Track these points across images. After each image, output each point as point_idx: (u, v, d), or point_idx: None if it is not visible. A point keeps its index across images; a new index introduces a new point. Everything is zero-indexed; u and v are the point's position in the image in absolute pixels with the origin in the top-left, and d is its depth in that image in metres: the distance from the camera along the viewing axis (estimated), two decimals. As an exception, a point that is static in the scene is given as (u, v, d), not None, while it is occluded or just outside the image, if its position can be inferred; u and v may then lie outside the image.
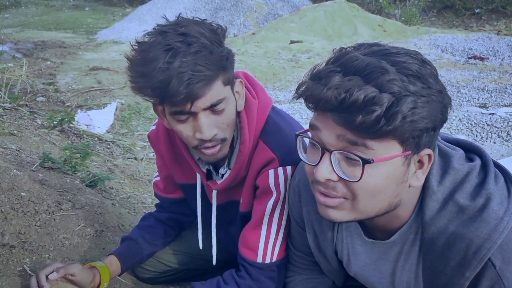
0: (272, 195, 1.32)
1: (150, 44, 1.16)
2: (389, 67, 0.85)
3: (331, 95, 0.84)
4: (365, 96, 0.82)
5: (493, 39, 8.76)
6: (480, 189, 0.95)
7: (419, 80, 0.86)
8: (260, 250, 1.35)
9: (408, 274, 1.07)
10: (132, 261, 1.59)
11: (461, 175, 0.97)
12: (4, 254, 1.52)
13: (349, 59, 0.87)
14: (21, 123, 3.32)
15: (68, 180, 2.22)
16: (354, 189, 0.91)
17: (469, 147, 1.06)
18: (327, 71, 0.87)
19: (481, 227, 0.92)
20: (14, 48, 8.01)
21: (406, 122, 0.83)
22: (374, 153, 0.87)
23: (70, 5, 16.69)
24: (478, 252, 0.92)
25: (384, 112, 0.82)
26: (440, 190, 0.96)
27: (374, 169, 0.88)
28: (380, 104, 0.82)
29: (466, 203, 0.94)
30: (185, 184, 1.56)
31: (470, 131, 4.47)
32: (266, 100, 1.38)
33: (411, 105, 0.83)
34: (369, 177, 0.88)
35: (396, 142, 0.87)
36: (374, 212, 0.95)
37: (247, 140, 1.32)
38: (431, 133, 0.89)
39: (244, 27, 11.68)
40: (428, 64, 0.90)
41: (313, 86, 0.87)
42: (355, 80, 0.84)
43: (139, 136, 4.26)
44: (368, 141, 0.86)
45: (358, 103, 0.82)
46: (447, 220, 0.95)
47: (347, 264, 1.20)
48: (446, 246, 0.95)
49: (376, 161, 0.87)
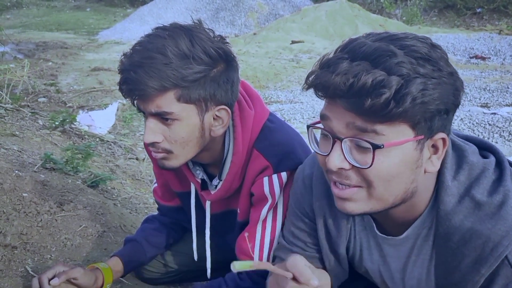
0: (267, 202, 1.31)
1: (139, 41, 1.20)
2: (398, 50, 0.84)
3: (339, 81, 0.84)
4: (373, 80, 0.82)
5: (494, 38, 8.75)
6: (497, 185, 0.94)
7: (428, 63, 0.85)
8: (256, 255, 1.34)
9: (420, 270, 1.06)
10: (135, 263, 1.59)
11: (477, 170, 0.96)
12: (6, 254, 1.53)
13: (357, 45, 0.87)
14: (23, 124, 3.32)
15: (69, 181, 2.22)
16: (368, 176, 0.90)
17: (481, 144, 1.04)
18: (335, 58, 0.87)
19: (499, 224, 0.91)
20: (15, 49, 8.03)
21: (416, 103, 0.83)
22: (385, 138, 0.86)
23: (72, 6, 16.71)
24: (495, 249, 0.91)
25: (393, 95, 0.82)
26: (455, 185, 0.95)
27: (385, 155, 0.87)
28: (389, 86, 0.81)
29: (483, 199, 0.93)
30: (181, 192, 1.55)
31: (472, 131, 4.46)
32: (263, 111, 1.35)
33: (421, 87, 0.83)
34: (381, 163, 0.88)
35: (407, 126, 0.86)
36: (391, 199, 0.94)
37: (240, 151, 1.30)
38: (443, 116, 0.88)
39: (245, 27, 11.69)
40: (437, 48, 0.89)
41: (321, 74, 0.87)
42: (363, 65, 0.84)
43: (140, 136, 4.26)
44: (378, 126, 0.86)
45: (366, 87, 0.82)
46: (463, 216, 0.94)
47: (359, 260, 1.18)
48: (461, 242, 0.94)
49: (386, 146, 0.86)
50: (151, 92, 1.14)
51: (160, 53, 1.13)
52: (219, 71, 1.20)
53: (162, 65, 1.13)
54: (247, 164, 1.33)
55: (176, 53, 1.14)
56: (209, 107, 1.22)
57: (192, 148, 1.25)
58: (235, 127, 1.31)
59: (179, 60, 1.14)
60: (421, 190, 0.97)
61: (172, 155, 1.25)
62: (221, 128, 1.27)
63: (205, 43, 1.17)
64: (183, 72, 1.14)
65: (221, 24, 11.73)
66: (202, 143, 1.26)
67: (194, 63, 1.15)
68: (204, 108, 1.21)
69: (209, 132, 1.25)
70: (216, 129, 1.26)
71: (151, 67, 1.13)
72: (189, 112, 1.19)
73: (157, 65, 1.13)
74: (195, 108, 1.20)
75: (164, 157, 1.25)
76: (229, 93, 1.24)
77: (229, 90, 1.23)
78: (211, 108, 1.22)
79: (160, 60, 1.13)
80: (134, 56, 1.15)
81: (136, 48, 1.17)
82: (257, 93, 1.40)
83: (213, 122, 1.25)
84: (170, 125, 1.20)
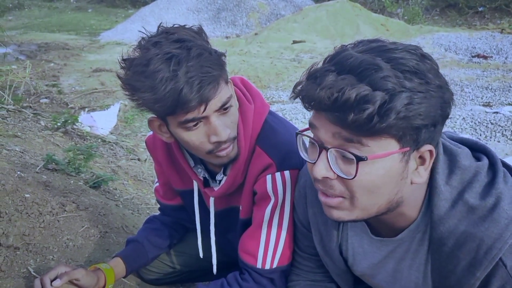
0: (270, 201, 1.31)
1: (146, 57, 1.12)
2: (384, 64, 0.84)
3: (324, 95, 0.84)
4: (357, 95, 0.81)
5: (496, 37, 8.72)
6: (489, 188, 0.94)
7: (416, 76, 0.85)
8: (260, 256, 1.33)
9: (417, 274, 1.06)
10: (137, 263, 1.59)
11: (469, 174, 0.97)
12: (9, 255, 1.53)
13: (343, 57, 0.87)
14: (25, 125, 3.33)
15: (71, 182, 2.22)
16: (352, 187, 0.91)
17: (474, 146, 1.05)
18: (322, 70, 0.87)
19: (492, 227, 0.91)
20: (17, 50, 8.05)
21: (400, 118, 0.82)
22: (369, 150, 0.86)
23: (73, 7, 16.74)
24: (489, 252, 0.91)
25: (377, 110, 0.82)
26: (448, 190, 0.96)
27: (369, 166, 0.88)
28: (372, 102, 0.81)
29: (476, 202, 0.93)
30: (183, 190, 1.55)
31: (474, 130, 4.45)
32: (263, 106, 1.35)
33: (405, 101, 0.82)
34: (365, 174, 0.88)
35: (393, 139, 0.86)
36: (374, 209, 0.95)
37: (243, 146, 1.30)
38: (430, 129, 0.88)
39: (247, 27, 11.69)
40: (428, 58, 0.88)
41: (307, 86, 0.88)
42: (349, 79, 0.83)
43: (142, 137, 4.26)
44: (363, 138, 0.86)
45: (350, 102, 0.82)
46: (456, 220, 0.94)
47: (353, 263, 1.19)
48: (456, 246, 0.95)
49: (370, 158, 0.86)
50: (221, 84, 1.18)
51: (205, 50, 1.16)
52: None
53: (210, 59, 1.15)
54: (249, 160, 1.33)
55: (201, 42, 1.17)
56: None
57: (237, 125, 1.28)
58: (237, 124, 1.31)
59: (207, 50, 1.16)
60: (409, 200, 0.97)
61: (235, 141, 1.27)
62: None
63: (191, 30, 1.20)
64: (220, 58, 1.19)
65: (222, 25, 11.73)
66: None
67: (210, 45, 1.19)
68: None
69: None
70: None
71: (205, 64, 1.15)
72: (232, 90, 1.26)
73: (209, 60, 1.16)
74: (229, 85, 1.24)
75: (233, 147, 1.26)
76: None
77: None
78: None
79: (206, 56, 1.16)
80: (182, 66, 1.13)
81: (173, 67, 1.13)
82: (256, 89, 1.40)
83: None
84: (227, 112, 1.22)
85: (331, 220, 1.11)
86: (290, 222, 1.32)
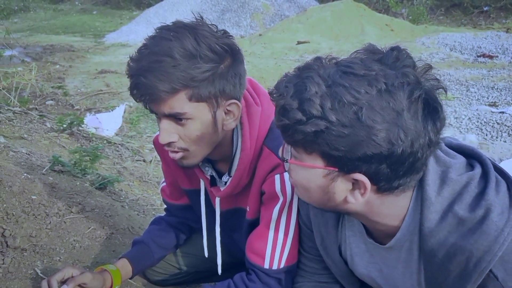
0: (278, 201, 1.31)
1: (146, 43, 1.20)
2: (322, 88, 0.88)
3: (275, 96, 0.96)
4: (283, 105, 0.91)
5: (502, 37, 8.69)
6: (479, 199, 0.93)
7: (349, 109, 0.85)
8: (267, 256, 1.33)
9: (412, 282, 1.07)
10: (143, 264, 1.59)
11: (460, 185, 0.96)
12: (16, 257, 1.54)
13: (304, 69, 0.94)
14: (31, 126, 3.34)
15: (78, 183, 2.23)
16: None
17: (470, 153, 1.04)
18: (288, 76, 0.96)
19: (481, 239, 0.90)
20: (23, 52, 8.09)
21: (307, 141, 0.90)
22: (300, 157, 0.98)
23: (78, 9, 16.82)
24: (478, 264, 0.91)
25: (291, 125, 0.91)
26: (439, 201, 0.95)
27: (293, 169, 1.01)
28: (288, 117, 0.90)
29: (465, 214, 0.93)
30: (190, 190, 1.55)
31: (480, 130, 4.43)
32: (270, 108, 1.35)
33: (312, 129, 0.88)
34: (294, 173, 1.03)
35: (317, 155, 0.94)
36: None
37: (248, 147, 1.30)
38: (358, 162, 0.91)
39: (251, 28, 11.70)
40: (392, 95, 0.85)
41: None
42: (289, 88, 0.91)
43: (147, 138, 4.28)
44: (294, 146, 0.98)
45: (277, 109, 0.94)
46: (447, 232, 0.94)
47: (351, 264, 1.20)
48: (446, 258, 0.95)
49: (290, 162, 1.01)
50: (162, 95, 1.16)
51: (168, 56, 1.14)
52: (226, 66, 1.21)
53: (170, 67, 1.14)
54: (256, 161, 1.34)
55: (183, 54, 1.14)
56: (220, 103, 1.24)
57: (207, 144, 1.28)
58: (243, 124, 1.31)
59: (187, 60, 1.15)
60: (385, 212, 0.99)
61: (189, 153, 1.27)
62: (233, 122, 1.29)
63: (210, 40, 1.18)
64: (192, 72, 1.15)
65: (226, 26, 11.74)
66: (216, 138, 1.28)
67: (201, 62, 1.16)
68: (215, 104, 1.23)
69: (221, 127, 1.27)
70: (229, 123, 1.28)
71: (160, 70, 1.14)
72: (201, 110, 1.21)
73: (166, 68, 1.14)
74: (207, 105, 1.22)
75: (182, 156, 1.27)
76: (238, 87, 1.25)
77: (237, 83, 1.25)
78: (221, 103, 1.24)
79: (168, 62, 1.14)
80: (142, 60, 1.16)
81: (142, 51, 1.17)
82: (264, 89, 1.40)
83: (225, 116, 1.27)
84: (184, 124, 1.22)
85: (331, 221, 1.14)
86: (297, 222, 1.33)
